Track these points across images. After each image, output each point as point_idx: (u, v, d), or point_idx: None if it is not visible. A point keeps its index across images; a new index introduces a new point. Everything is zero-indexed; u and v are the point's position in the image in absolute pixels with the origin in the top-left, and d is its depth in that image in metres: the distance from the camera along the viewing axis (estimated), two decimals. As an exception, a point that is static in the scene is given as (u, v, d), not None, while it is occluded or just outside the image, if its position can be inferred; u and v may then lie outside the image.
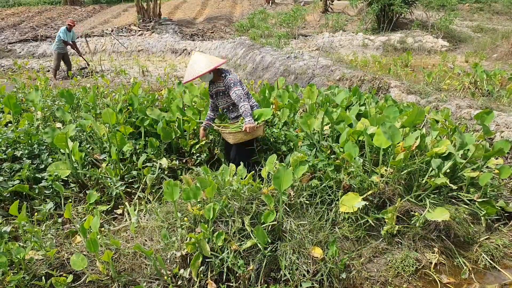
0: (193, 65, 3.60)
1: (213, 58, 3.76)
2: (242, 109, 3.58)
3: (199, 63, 3.59)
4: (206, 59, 3.67)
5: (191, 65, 3.62)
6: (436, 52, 12.18)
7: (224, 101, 3.85)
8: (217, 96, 3.86)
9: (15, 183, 3.46)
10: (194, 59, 3.65)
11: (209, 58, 3.72)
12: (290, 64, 8.90)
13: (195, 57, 3.66)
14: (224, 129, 3.75)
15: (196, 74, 3.55)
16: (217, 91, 3.83)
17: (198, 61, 3.62)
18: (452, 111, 5.14)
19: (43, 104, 5.12)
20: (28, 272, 2.58)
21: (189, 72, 3.61)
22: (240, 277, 2.65)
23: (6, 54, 14.15)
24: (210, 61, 3.65)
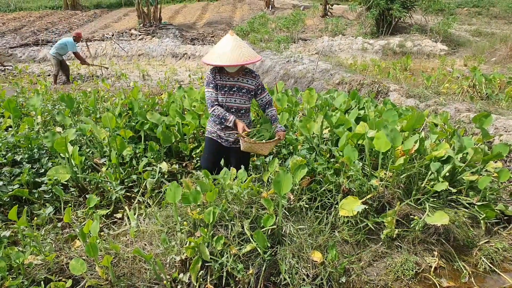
0: (242, 48, 3.04)
1: None
2: (274, 113, 3.34)
3: (248, 49, 3.11)
4: (249, 47, 3.28)
5: (238, 46, 3.03)
6: (435, 56, 12.22)
7: (243, 101, 3.24)
8: (236, 93, 3.21)
9: (14, 187, 3.46)
10: (237, 43, 3.06)
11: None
12: (289, 68, 8.92)
13: (239, 42, 3.10)
14: (256, 141, 3.10)
15: (255, 59, 3.07)
16: (240, 87, 3.21)
17: (245, 46, 3.11)
18: (451, 114, 5.15)
19: (43, 109, 5.14)
20: (27, 277, 2.58)
21: (238, 54, 2.99)
22: (239, 281, 2.65)
23: (7, 59, 14.17)
24: (253, 51, 3.22)
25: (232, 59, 2.99)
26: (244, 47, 3.07)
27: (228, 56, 2.99)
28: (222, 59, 3.01)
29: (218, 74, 3.19)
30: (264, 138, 3.17)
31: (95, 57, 13.97)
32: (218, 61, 3.03)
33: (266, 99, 3.35)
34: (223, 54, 3.01)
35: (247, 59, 3.01)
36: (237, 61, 2.99)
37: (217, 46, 3.11)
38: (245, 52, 3.03)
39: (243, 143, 3.12)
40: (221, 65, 3.04)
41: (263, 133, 3.23)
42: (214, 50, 3.11)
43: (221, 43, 3.10)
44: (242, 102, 3.24)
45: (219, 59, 3.03)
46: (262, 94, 3.33)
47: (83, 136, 4.31)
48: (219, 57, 3.02)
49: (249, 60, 3.02)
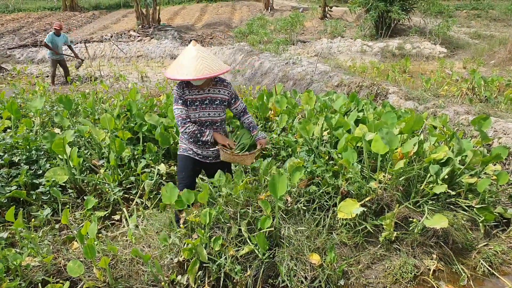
0: (205, 59, 2.72)
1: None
2: (251, 120, 3.16)
3: (213, 59, 2.79)
4: (215, 56, 2.92)
5: (201, 58, 2.71)
6: (434, 58, 12.25)
7: (217, 114, 2.96)
8: (209, 105, 2.92)
9: (12, 189, 3.45)
10: (200, 53, 2.74)
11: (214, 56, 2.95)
12: (288, 70, 8.93)
13: (202, 52, 2.77)
14: (240, 154, 2.90)
15: (220, 70, 2.74)
16: (212, 99, 2.92)
17: (210, 57, 2.78)
18: (450, 117, 5.15)
19: (41, 110, 5.12)
20: (25, 279, 2.56)
21: (201, 65, 2.68)
22: (237, 283, 2.64)
23: (5, 60, 14.17)
24: (219, 60, 2.93)
25: (194, 72, 2.66)
26: (208, 57, 2.74)
27: (189, 69, 2.67)
28: (183, 73, 2.68)
29: (186, 89, 2.87)
30: (245, 147, 2.99)
31: (93, 58, 13.96)
32: (179, 75, 2.70)
33: (240, 107, 3.10)
34: (185, 67, 2.69)
35: (211, 71, 2.69)
36: (200, 74, 2.66)
37: (179, 58, 2.81)
38: (209, 64, 2.71)
39: (224, 155, 2.90)
40: (183, 79, 2.72)
41: (244, 141, 3.04)
42: (175, 62, 2.81)
43: (183, 55, 2.79)
44: (216, 115, 2.95)
45: (181, 72, 2.70)
46: (236, 103, 3.07)
47: (81, 138, 4.30)
48: (181, 70, 2.71)
49: (214, 73, 2.70)
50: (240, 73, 10.84)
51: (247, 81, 9.93)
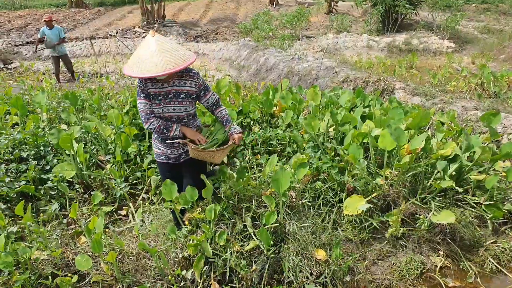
0: (166, 52, 2.38)
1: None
2: (224, 113, 2.87)
3: (175, 50, 2.45)
4: (178, 46, 2.56)
5: (160, 51, 2.37)
6: (442, 54, 12.12)
7: (183, 108, 2.67)
8: (174, 100, 2.63)
9: (21, 184, 3.48)
10: (160, 45, 2.39)
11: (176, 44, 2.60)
12: (294, 66, 8.89)
13: (163, 43, 2.42)
14: (207, 150, 2.67)
15: (184, 63, 2.43)
16: (177, 92, 2.62)
17: (171, 48, 2.43)
18: (458, 113, 5.11)
19: (48, 106, 5.16)
20: (34, 272, 2.60)
21: (161, 60, 2.36)
22: (243, 278, 2.65)
23: (12, 56, 14.25)
24: (184, 49, 2.58)
25: (155, 69, 2.34)
26: (170, 49, 2.42)
27: (150, 65, 2.35)
28: (142, 69, 2.37)
29: (148, 81, 2.56)
30: (218, 142, 2.77)
31: (99, 54, 14.00)
32: (139, 72, 2.38)
33: (212, 100, 2.81)
34: (144, 62, 2.37)
35: (175, 65, 2.38)
36: (162, 70, 2.35)
37: (138, 51, 2.46)
38: (172, 57, 2.40)
39: (191, 151, 2.68)
40: (143, 77, 2.39)
41: (218, 136, 2.81)
42: (134, 56, 2.47)
43: (142, 48, 2.44)
44: (182, 110, 2.66)
45: (139, 68, 2.38)
46: (207, 94, 2.78)
47: (87, 134, 4.32)
48: (139, 65, 2.39)
49: (178, 66, 2.39)
50: (245, 69, 10.81)
51: (252, 77, 9.91)
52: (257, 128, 4.38)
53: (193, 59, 2.52)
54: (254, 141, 4.13)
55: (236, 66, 11.53)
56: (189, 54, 2.54)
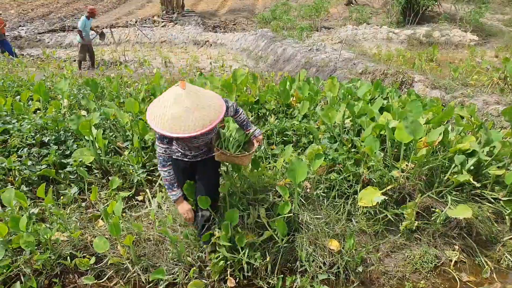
0: (199, 110, 2.21)
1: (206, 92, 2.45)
2: (243, 117, 2.77)
3: (210, 99, 2.33)
4: (209, 93, 2.41)
5: (194, 108, 2.19)
6: (464, 47, 11.82)
7: (208, 138, 2.61)
8: (200, 137, 2.50)
9: (42, 167, 3.58)
10: (193, 100, 2.21)
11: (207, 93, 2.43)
12: (311, 57, 8.82)
13: (193, 97, 2.23)
14: (239, 155, 2.67)
15: (218, 117, 2.29)
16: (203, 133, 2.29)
17: (203, 103, 2.26)
18: (478, 107, 5.00)
19: (69, 93, 5.26)
20: (54, 252, 2.69)
21: (195, 118, 2.19)
22: (257, 269, 2.68)
23: (35, 44, 14.53)
24: (214, 98, 2.39)
25: (190, 128, 2.18)
26: (204, 103, 2.25)
27: (183, 123, 2.18)
28: (176, 127, 2.18)
29: None
30: (240, 144, 2.79)
31: (118, 43, 14.15)
32: (171, 131, 2.20)
33: (243, 117, 2.77)
34: (176, 119, 2.18)
35: (210, 120, 2.23)
36: (198, 128, 2.19)
37: (167, 105, 2.22)
38: (206, 112, 2.24)
39: (220, 156, 2.66)
40: (178, 136, 2.23)
41: (238, 138, 2.81)
42: (160, 109, 2.24)
43: (172, 102, 2.20)
44: (207, 139, 2.60)
45: (173, 126, 2.19)
46: (236, 116, 2.73)
47: (106, 120, 4.40)
48: (172, 123, 2.19)
49: (214, 121, 2.25)
50: (262, 60, 10.78)
51: (270, 68, 9.88)
52: (273, 119, 4.39)
53: (224, 107, 2.38)
54: (269, 131, 4.14)
55: (253, 56, 11.50)
56: (221, 104, 2.38)
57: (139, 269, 2.68)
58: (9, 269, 2.55)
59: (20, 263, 2.57)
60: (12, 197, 2.78)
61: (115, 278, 2.68)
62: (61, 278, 2.66)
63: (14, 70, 8.22)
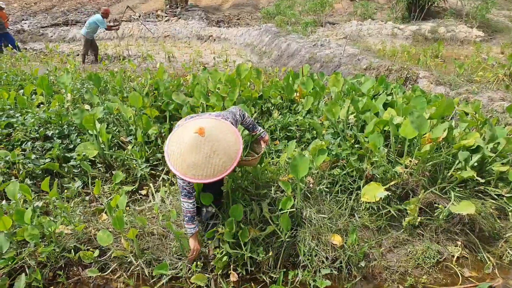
0: (216, 157, 2.23)
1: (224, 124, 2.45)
2: (249, 121, 2.87)
3: (227, 141, 2.31)
4: (225, 133, 2.35)
5: (211, 155, 2.22)
6: (470, 43, 11.73)
7: None
8: None
9: (46, 161, 3.60)
10: (210, 147, 2.22)
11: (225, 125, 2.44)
12: (316, 52, 8.79)
13: (210, 143, 2.23)
14: (250, 159, 2.84)
15: (234, 162, 2.30)
16: None
17: (220, 148, 2.25)
18: (483, 103, 4.97)
19: (72, 87, 5.27)
20: (58, 245, 2.71)
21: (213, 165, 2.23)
22: (260, 263, 2.69)
23: (38, 38, 14.56)
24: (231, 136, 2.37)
25: (211, 174, 2.22)
26: (224, 148, 2.25)
27: (204, 170, 2.21)
28: (193, 173, 2.22)
29: None
30: (247, 144, 2.90)
31: (122, 38, 14.15)
32: (187, 176, 2.24)
33: (240, 120, 2.81)
34: (198, 166, 2.21)
35: (231, 162, 2.27)
36: (219, 174, 2.24)
37: (186, 151, 2.23)
38: (227, 156, 2.25)
39: None
40: (198, 182, 2.27)
41: (245, 138, 2.86)
42: (179, 153, 2.25)
43: (189, 147, 2.22)
44: None
45: (189, 172, 2.23)
46: (242, 120, 2.82)
47: (110, 115, 4.41)
48: (194, 170, 2.22)
49: (234, 162, 2.28)
50: (266, 55, 10.75)
51: (273, 63, 9.85)
52: (277, 114, 4.38)
53: (241, 143, 2.38)
54: (273, 127, 4.14)
55: (257, 51, 11.47)
56: (238, 144, 2.36)
57: (143, 263, 2.69)
58: (14, 261, 2.57)
59: (25, 256, 2.60)
60: (16, 190, 2.80)
61: (119, 271, 2.70)
62: (65, 270, 2.68)
63: (17, 64, 8.24)
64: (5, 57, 8.96)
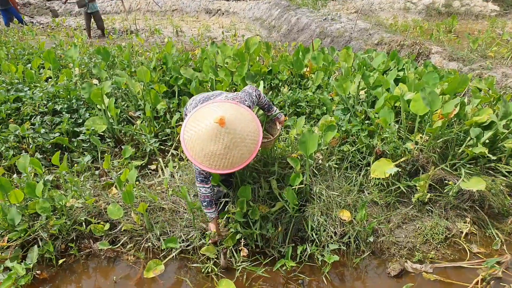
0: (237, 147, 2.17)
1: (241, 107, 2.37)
2: (264, 101, 2.74)
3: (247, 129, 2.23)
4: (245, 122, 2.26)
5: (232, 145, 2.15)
6: (485, 17, 11.39)
7: None
8: None
9: (55, 135, 3.62)
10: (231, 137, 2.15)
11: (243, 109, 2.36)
12: (326, 27, 8.60)
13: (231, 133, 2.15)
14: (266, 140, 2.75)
15: (255, 150, 2.24)
16: None
17: (243, 131, 2.20)
18: (497, 79, 4.85)
19: (80, 61, 5.24)
20: (69, 218, 2.75)
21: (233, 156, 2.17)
22: (269, 239, 2.71)
23: (45, 12, 14.43)
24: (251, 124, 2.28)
25: (229, 165, 2.18)
26: (243, 140, 2.18)
27: (223, 161, 2.16)
28: (211, 163, 2.16)
29: None
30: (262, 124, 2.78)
31: (129, 11, 13.96)
32: (205, 165, 2.17)
33: (257, 100, 2.69)
34: (216, 156, 2.15)
35: (249, 153, 2.21)
36: (239, 164, 2.19)
37: (203, 138, 2.15)
38: (246, 147, 2.19)
39: None
40: (220, 173, 2.25)
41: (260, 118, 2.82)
42: (197, 141, 2.17)
43: (208, 136, 2.14)
44: None
45: (207, 161, 2.17)
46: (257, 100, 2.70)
47: (118, 89, 4.39)
48: (212, 160, 2.16)
49: (253, 153, 2.22)
50: (275, 29, 10.55)
51: (283, 38, 9.68)
52: (286, 89, 4.33)
53: (261, 136, 2.28)
54: (282, 103, 4.10)
55: (266, 26, 11.26)
56: (256, 126, 2.29)
57: (153, 236, 2.73)
58: (27, 233, 2.62)
59: (37, 228, 2.64)
60: (27, 164, 2.83)
61: (129, 244, 2.74)
62: (76, 243, 2.73)
63: (24, 38, 8.20)
64: (11, 31, 8.91)
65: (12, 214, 2.55)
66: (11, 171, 3.32)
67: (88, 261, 2.68)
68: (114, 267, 2.64)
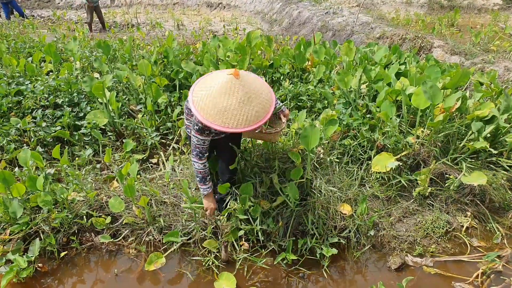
0: (252, 101, 2.07)
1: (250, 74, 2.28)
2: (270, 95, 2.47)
3: (260, 93, 2.14)
4: (260, 82, 2.23)
5: (247, 99, 2.05)
6: (487, 11, 11.31)
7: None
8: None
9: (57, 129, 3.62)
10: (246, 90, 2.06)
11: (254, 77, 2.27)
12: (328, 20, 8.55)
13: (246, 87, 2.07)
14: (272, 132, 2.63)
15: (270, 108, 2.18)
16: None
17: (256, 90, 2.12)
18: (499, 73, 4.83)
19: (81, 55, 5.23)
20: (71, 211, 2.76)
21: (248, 111, 2.06)
22: (270, 234, 2.72)
23: (45, 5, 14.37)
24: (264, 86, 2.22)
25: (245, 122, 2.05)
26: (256, 97, 2.08)
27: (237, 117, 2.04)
28: (224, 120, 2.04)
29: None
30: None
31: (130, 5, 13.90)
32: (223, 125, 2.04)
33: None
34: (229, 112, 2.03)
35: (264, 112, 2.11)
36: (254, 123, 2.07)
37: (217, 95, 2.05)
38: (258, 108, 2.08)
39: (247, 132, 2.66)
40: (231, 131, 2.08)
41: None
42: (211, 100, 2.06)
43: (222, 89, 2.04)
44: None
45: (226, 121, 2.03)
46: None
47: (119, 83, 4.39)
48: (225, 117, 2.03)
49: (267, 113, 2.12)
50: (277, 23, 10.50)
51: (284, 31, 9.64)
52: (288, 83, 4.32)
53: (273, 95, 2.23)
54: (283, 96, 4.09)
55: (268, 19, 11.20)
56: (267, 88, 2.22)
57: (154, 230, 2.74)
58: (28, 226, 2.63)
59: (39, 221, 2.65)
60: (28, 157, 2.83)
61: (131, 237, 2.75)
62: (78, 236, 2.75)
63: (25, 31, 8.18)
64: (12, 24, 8.88)
65: (14, 207, 2.56)
66: (13, 165, 3.32)
67: (90, 254, 2.69)
68: (115, 260, 2.65)
